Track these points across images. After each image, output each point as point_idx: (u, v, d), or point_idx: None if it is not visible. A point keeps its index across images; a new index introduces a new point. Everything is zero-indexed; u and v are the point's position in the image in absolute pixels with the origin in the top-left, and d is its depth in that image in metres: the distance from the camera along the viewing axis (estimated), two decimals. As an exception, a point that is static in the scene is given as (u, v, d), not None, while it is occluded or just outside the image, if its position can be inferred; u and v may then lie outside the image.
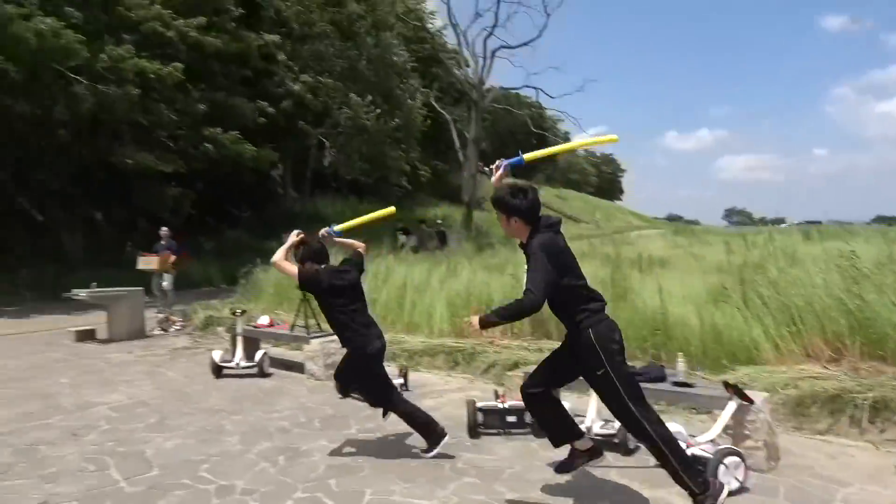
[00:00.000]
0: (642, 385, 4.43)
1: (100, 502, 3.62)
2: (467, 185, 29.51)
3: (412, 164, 31.09)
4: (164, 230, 12.05)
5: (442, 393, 5.95)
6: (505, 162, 3.80)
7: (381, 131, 22.44)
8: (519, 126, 59.95)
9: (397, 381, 5.78)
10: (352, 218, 4.93)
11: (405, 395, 5.74)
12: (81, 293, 9.21)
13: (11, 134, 15.33)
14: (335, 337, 6.68)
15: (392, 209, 5.30)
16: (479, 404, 4.72)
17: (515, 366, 6.24)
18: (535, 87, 42.39)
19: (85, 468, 4.16)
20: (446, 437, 4.31)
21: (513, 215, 3.40)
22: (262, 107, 18.75)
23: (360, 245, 4.79)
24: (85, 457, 4.37)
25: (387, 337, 7.78)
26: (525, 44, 29.85)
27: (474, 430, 4.64)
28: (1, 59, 11.88)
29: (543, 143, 65.91)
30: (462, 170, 31.03)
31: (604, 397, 3.39)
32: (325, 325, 7.42)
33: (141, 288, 9.86)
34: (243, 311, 7.16)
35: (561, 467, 3.59)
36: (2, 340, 9.46)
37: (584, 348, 3.31)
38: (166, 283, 11.01)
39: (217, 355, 6.75)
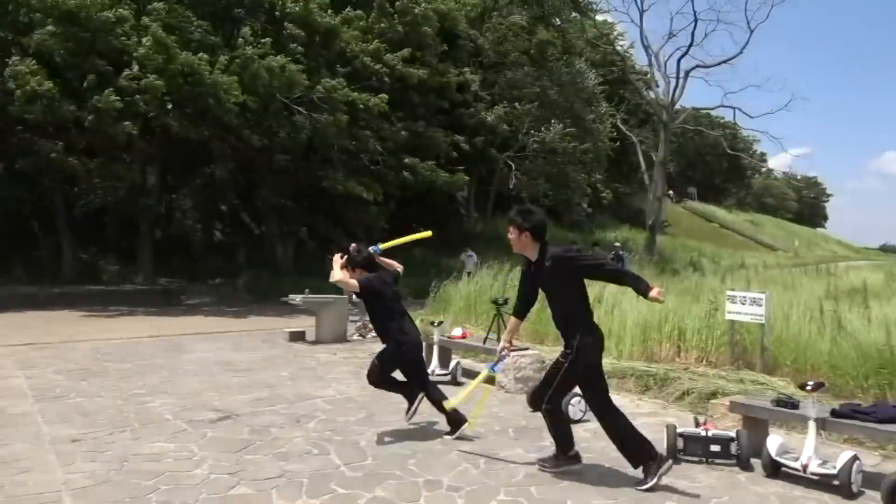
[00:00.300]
0: (869, 424, 4.08)
1: (326, 482, 4.05)
2: (651, 209, 28.53)
3: (593, 187, 30.72)
4: (353, 246, 13.13)
5: (634, 416, 5.77)
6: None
7: (569, 154, 22.48)
8: (708, 147, 56.84)
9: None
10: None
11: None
12: (296, 298, 10.29)
13: (244, 160, 17.64)
14: (527, 351, 6.92)
15: (429, 232, 6.03)
16: (679, 430, 4.59)
17: (713, 395, 5.96)
18: (732, 107, 39.78)
19: (310, 451, 4.68)
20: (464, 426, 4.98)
21: (524, 231, 4.07)
22: (456, 141, 19.70)
23: (398, 266, 5.49)
24: (309, 441, 4.91)
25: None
26: (724, 62, 28.36)
27: (673, 455, 4.51)
28: (242, 93, 13.76)
29: (736, 166, 61.64)
30: (647, 192, 30.06)
31: (548, 376, 4.22)
32: (518, 340, 7.65)
33: (346, 296, 10.78)
34: (440, 322, 7.57)
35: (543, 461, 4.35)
36: (228, 337, 10.83)
37: (568, 347, 4.08)
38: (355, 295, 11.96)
39: (414, 362, 7.20)
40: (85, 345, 9.56)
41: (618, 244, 24.25)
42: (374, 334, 10.78)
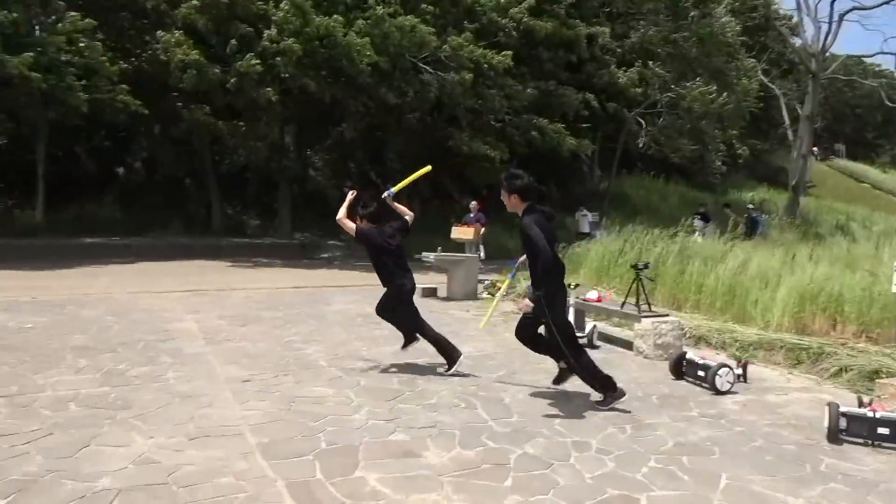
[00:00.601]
0: None
1: (477, 435, 4.23)
2: (794, 167, 26.45)
3: (728, 143, 28.87)
4: (473, 203, 13.31)
5: (786, 391, 5.58)
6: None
7: (706, 110, 21.10)
8: (860, 99, 51.47)
9: (737, 372, 5.59)
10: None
11: (742, 386, 5.58)
12: (429, 256, 10.60)
13: (374, 120, 18.16)
14: (666, 317, 6.77)
15: (428, 168, 6.32)
16: (842, 409, 4.35)
17: (876, 374, 5.58)
18: (893, 53, 35.35)
19: (457, 404, 4.88)
20: (461, 358, 5.68)
21: (513, 192, 4.77)
22: (587, 99, 19.03)
23: (408, 212, 5.97)
24: (455, 395, 5.12)
25: (715, 325, 7.62)
26: (886, 2, 25.34)
27: (835, 435, 4.30)
28: (374, 54, 14.09)
29: (893, 119, 55.69)
30: (790, 149, 27.88)
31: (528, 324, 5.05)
32: (656, 306, 7.51)
33: (476, 255, 10.99)
34: (577, 285, 7.53)
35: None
36: (364, 290, 11.32)
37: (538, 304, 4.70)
38: (481, 252, 12.17)
39: (550, 323, 7.25)
40: (238, 293, 10.41)
41: (751, 206, 22.74)
42: (503, 293, 11.08)
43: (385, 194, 5.90)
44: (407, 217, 5.95)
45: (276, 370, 5.73)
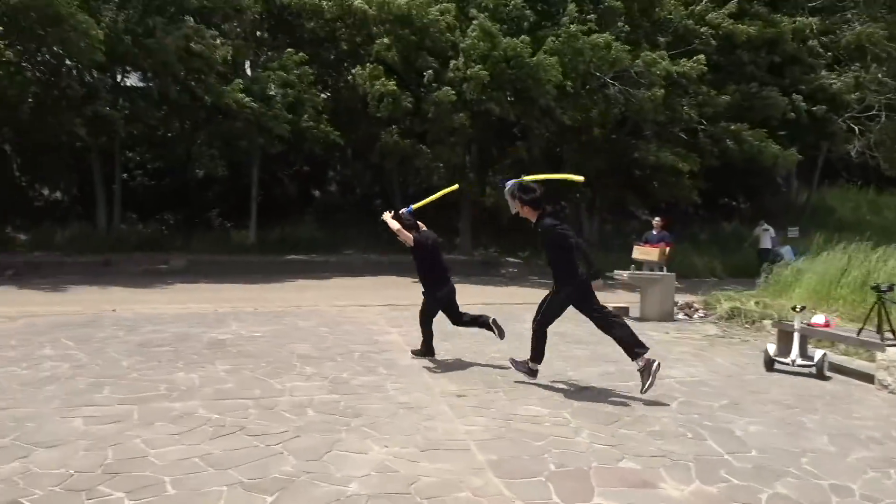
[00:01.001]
0: None
1: (715, 470, 3.96)
2: None
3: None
4: (656, 220, 12.56)
5: None
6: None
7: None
8: None
9: None
10: None
11: None
12: (623, 274, 10.29)
13: (553, 138, 18.14)
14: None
15: (455, 186, 7.38)
16: None
17: None
18: None
19: (683, 434, 4.62)
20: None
21: (525, 204, 5.52)
22: (795, 100, 17.38)
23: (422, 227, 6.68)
24: (678, 423, 4.86)
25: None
26: None
27: None
28: (562, 75, 14.07)
29: None
30: None
31: (541, 304, 5.78)
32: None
33: (673, 273, 10.47)
34: (802, 308, 6.86)
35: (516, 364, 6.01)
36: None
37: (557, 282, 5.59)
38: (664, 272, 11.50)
39: (772, 349, 6.68)
40: (433, 309, 10.78)
41: None
42: (701, 315, 10.46)
43: (402, 210, 6.59)
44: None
45: (487, 386, 5.82)
